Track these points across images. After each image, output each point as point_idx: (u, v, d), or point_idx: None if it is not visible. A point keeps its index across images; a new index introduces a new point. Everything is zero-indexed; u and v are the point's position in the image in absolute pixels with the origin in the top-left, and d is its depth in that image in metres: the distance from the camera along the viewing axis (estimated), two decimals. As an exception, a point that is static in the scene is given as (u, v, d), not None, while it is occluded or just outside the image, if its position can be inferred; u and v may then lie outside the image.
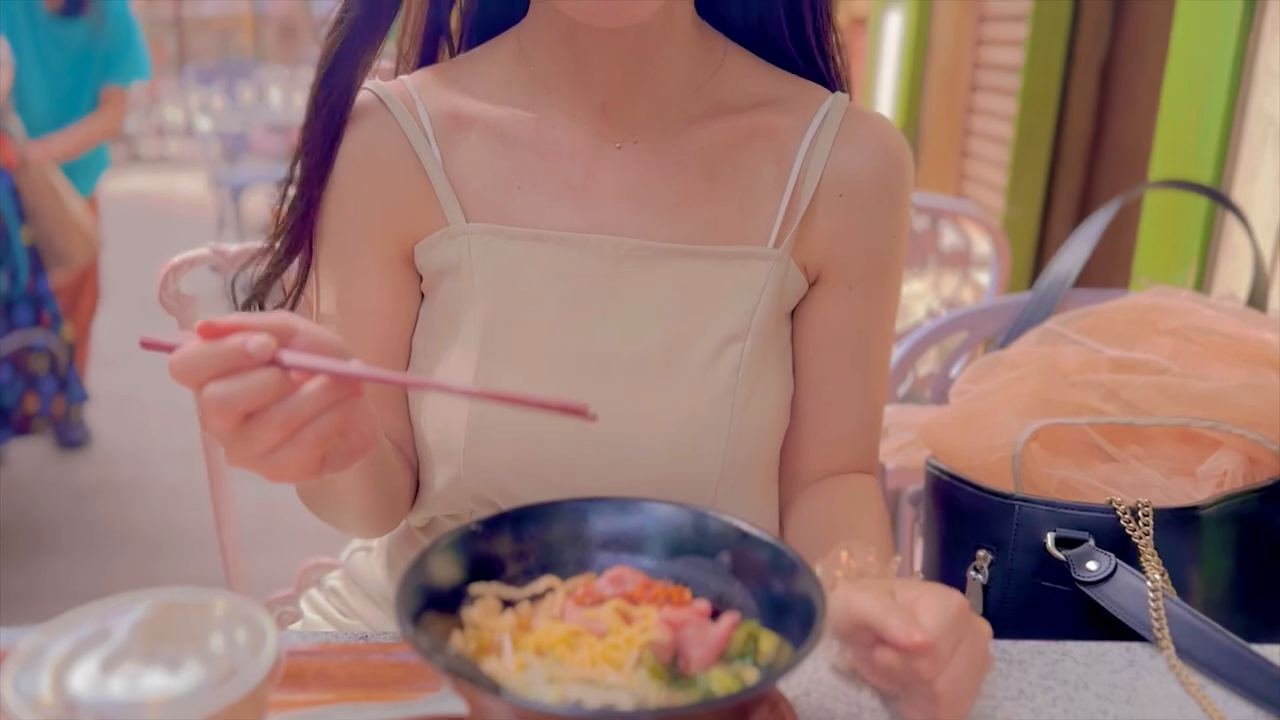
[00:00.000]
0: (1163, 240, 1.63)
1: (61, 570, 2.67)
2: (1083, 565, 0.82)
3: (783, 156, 0.84)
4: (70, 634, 0.46)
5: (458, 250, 0.81)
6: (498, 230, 0.81)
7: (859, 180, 0.84)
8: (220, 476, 1.29)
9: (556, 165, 0.83)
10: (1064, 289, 1.18)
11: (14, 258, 2.59)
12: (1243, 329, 1.03)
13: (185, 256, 1.20)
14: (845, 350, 0.87)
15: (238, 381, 0.55)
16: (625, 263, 0.81)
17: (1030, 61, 2.76)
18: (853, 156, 0.84)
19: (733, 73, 0.85)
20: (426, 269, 0.84)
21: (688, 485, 0.80)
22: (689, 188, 0.83)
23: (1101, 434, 0.96)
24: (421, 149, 0.83)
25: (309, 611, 1.01)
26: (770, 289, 0.82)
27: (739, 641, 0.59)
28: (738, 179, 0.83)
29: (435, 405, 0.82)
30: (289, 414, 0.56)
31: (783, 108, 0.85)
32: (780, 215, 0.83)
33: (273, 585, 1.30)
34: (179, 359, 0.56)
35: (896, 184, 0.85)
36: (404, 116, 0.83)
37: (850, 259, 0.85)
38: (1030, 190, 2.83)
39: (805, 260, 0.85)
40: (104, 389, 3.53)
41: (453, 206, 0.82)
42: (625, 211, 0.82)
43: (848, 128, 0.84)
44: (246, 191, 5.81)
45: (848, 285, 0.86)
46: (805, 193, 0.83)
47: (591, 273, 0.81)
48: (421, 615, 0.57)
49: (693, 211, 0.82)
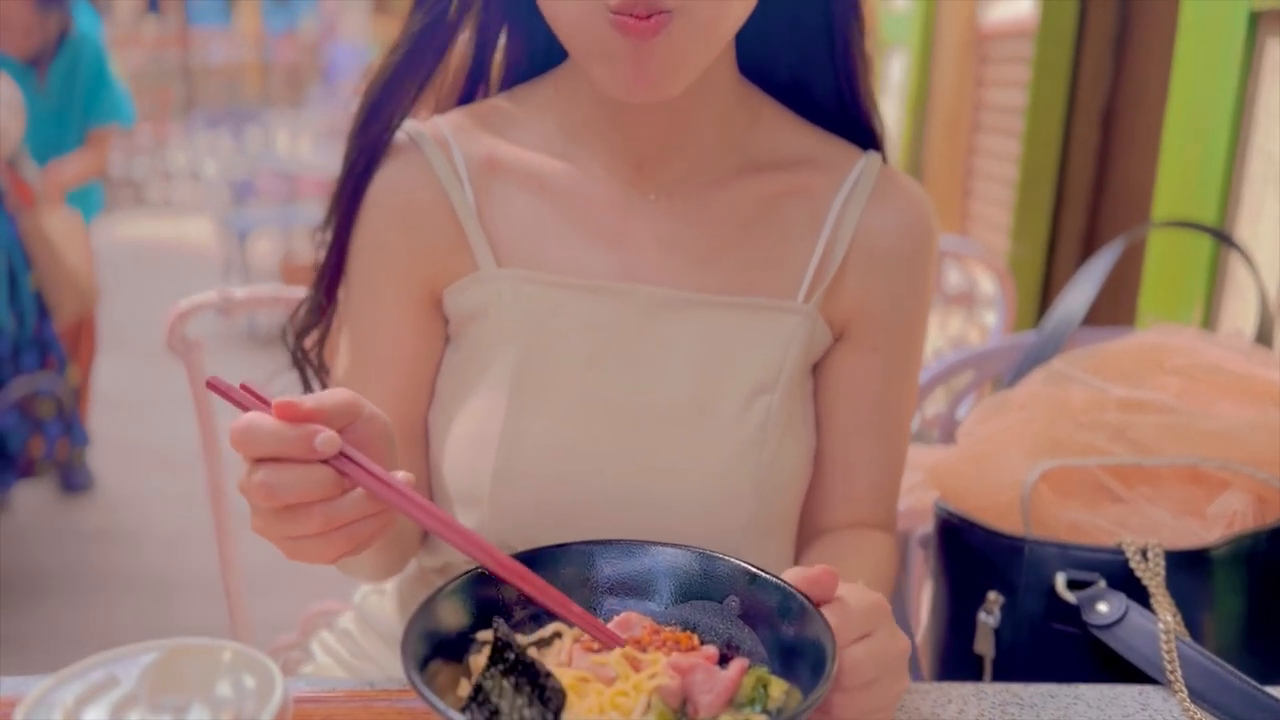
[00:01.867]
0: (1168, 279, 1.64)
1: (65, 615, 2.66)
2: (1093, 608, 0.82)
3: (815, 214, 0.84)
4: (79, 681, 0.46)
5: (488, 296, 0.81)
6: (529, 277, 0.81)
7: (888, 243, 0.84)
8: (225, 522, 1.29)
9: (590, 214, 0.83)
10: (1070, 328, 1.18)
11: (21, 301, 2.60)
12: (1249, 367, 1.02)
13: (193, 301, 1.20)
14: (865, 409, 0.86)
15: (292, 474, 0.55)
16: (657, 312, 0.81)
17: (1033, 103, 2.79)
18: (884, 219, 0.84)
19: (768, 129, 0.86)
20: (455, 313, 0.84)
21: (714, 538, 0.79)
22: (722, 240, 0.83)
23: (1110, 475, 0.96)
24: (454, 192, 0.83)
25: (320, 654, 1.00)
26: (799, 342, 0.82)
27: (748, 687, 0.59)
28: (770, 233, 0.84)
29: (460, 450, 0.81)
30: (331, 515, 0.57)
31: (817, 166, 0.85)
32: (811, 271, 0.83)
33: (277, 629, 1.30)
34: (244, 432, 0.56)
35: (924, 249, 0.86)
36: (438, 159, 0.83)
37: (876, 320, 0.85)
38: (1035, 230, 2.84)
39: (831, 317, 0.85)
40: (108, 433, 3.54)
41: (484, 251, 0.82)
42: (657, 261, 0.82)
43: (880, 190, 0.85)
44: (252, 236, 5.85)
45: (872, 346, 0.86)
46: (837, 251, 0.83)
47: (622, 322, 0.80)
48: (429, 662, 0.56)
49: (724, 263, 0.82)
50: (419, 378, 0.85)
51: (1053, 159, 2.81)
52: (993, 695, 0.74)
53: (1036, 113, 2.80)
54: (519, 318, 0.80)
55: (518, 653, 0.56)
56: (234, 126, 6.80)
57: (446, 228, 0.83)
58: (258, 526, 0.58)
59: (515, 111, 0.87)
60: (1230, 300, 1.51)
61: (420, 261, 0.83)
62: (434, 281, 0.84)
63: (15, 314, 2.59)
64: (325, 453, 0.55)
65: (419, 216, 0.83)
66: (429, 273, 0.83)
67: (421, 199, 0.83)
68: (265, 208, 6.04)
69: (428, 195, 0.83)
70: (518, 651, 0.56)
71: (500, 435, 0.78)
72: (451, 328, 0.85)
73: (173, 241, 7.81)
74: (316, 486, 0.56)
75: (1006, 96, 3.06)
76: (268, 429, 0.55)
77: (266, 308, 1.25)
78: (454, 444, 0.82)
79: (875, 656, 0.59)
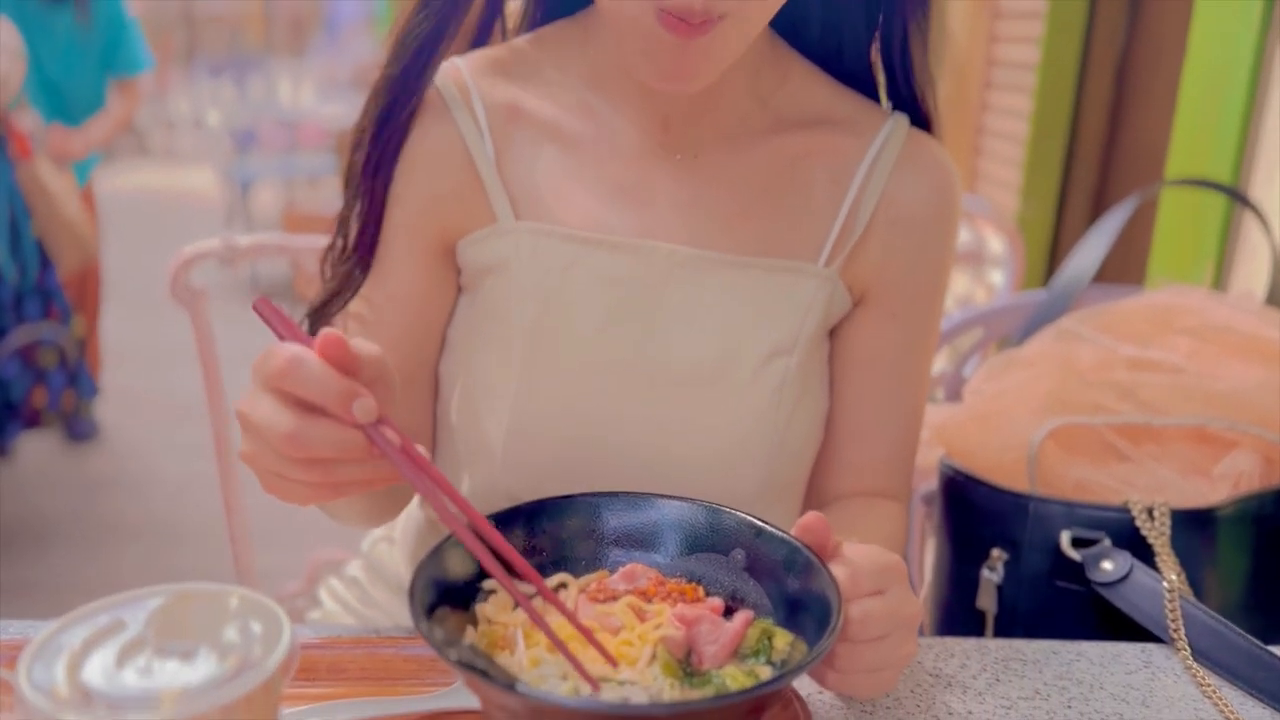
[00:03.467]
0: (1179, 238, 1.62)
1: (70, 563, 2.68)
2: (1098, 565, 0.82)
3: (840, 176, 0.82)
4: (85, 625, 0.46)
5: (505, 249, 0.79)
6: (548, 231, 0.79)
7: (913, 210, 0.83)
8: (230, 471, 1.29)
9: (613, 170, 0.81)
10: (1080, 287, 1.17)
11: (24, 250, 2.59)
12: (1260, 328, 1.02)
13: (197, 249, 1.20)
14: (882, 375, 0.85)
15: (328, 432, 0.53)
16: (676, 272, 0.79)
17: (1046, 59, 2.75)
18: (909, 185, 0.83)
19: (797, 88, 0.84)
20: (470, 265, 0.82)
21: (725, 500, 0.78)
22: (744, 201, 0.81)
23: (1117, 434, 0.95)
24: (474, 142, 0.80)
25: (328, 600, 1.01)
26: (818, 306, 0.81)
27: (753, 639, 0.59)
28: (794, 195, 0.82)
29: (473, 405, 0.80)
30: (341, 475, 0.55)
31: (844, 127, 0.83)
32: (834, 235, 0.82)
33: (282, 579, 1.30)
34: (291, 365, 0.52)
35: (949, 216, 0.84)
36: (458, 106, 0.81)
37: (896, 286, 0.84)
38: (1045, 188, 2.82)
39: (852, 281, 0.83)
40: (111, 383, 3.54)
41: (502, 203, 0.80)
42: (679, 220, 0.81)
43: (907, 154, 0.83)
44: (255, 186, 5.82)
45: (891, 312, 0.84)
46: (861, 215, 0.82)
47: (641, 280, 0.79)
48: (435, 610, 0.56)
49: (746, 224, 0.81)
50: (426, 324, 0.84)
51: (1065, 116, 2.77)
52: (995, 651, 0.75)
53: (1049, 69, 2.76)
54: (536, 272, 0.79)
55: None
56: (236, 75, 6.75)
57: (465, 177, 0.81)
58: (248, 454, 0.57)
59: (539, 57, 0.84)
60: (1242, 261, 1.50)
61: (436, 211, 0.81)
62: (449, 231, 0.82)
63: (17, 263, 2.58)
64: (361, 420, 0.53)
65: (437, 165, 0.81)
66: (445, 222, 0.81)
67: (440, 147, 0.81)
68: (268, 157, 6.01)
69: (446, 144, 0.81)
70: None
71: (514, 391, 0.78)
72: (465, 279, 0.84)
73: (175, 191, 7.78)
74: (344, 448, 0.54)
75: (1019, 52, 3.02)
76: (315, 373, 0.53)
77: (270, 256, 1.24)
78: (467, 398, 0.81)
79: (887, 613, 0.59)
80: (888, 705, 0.68)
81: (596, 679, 0.54)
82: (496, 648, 0.58)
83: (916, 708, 0.68)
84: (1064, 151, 2.79)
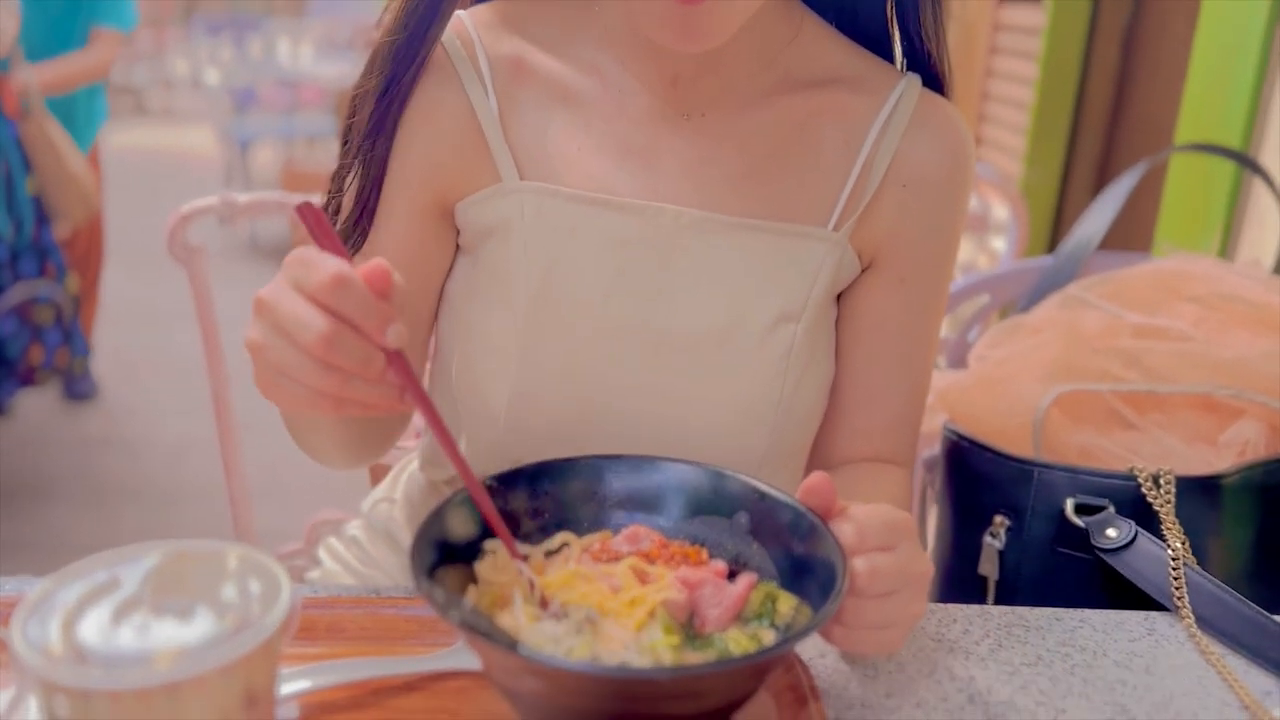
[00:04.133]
0: (1187, 206, 1.61)
1: (67, 522, 2.68)
2: (1102, 532, 0.81)
3: (851, 138, 0.81)
4: (80, 582, 0.45)
5: (509, 209, 0.78)
6: (553, 191, 0.77)
7: (925, 172, 0.81)
8: (229, 431, 1.28)
9: (619, 129, 0.79)
10: (1087, 253, 1.16)
11: (19, 207, 2.57)
12: (1268, 296, 1.01)
13: (194, 206, 1.18)
14: (889, 341, 0.84)
15: (358, 346, 0.52)
16: (682, 234, 0.78)
17: (1052, 25, 2.72)
18: (922, 147, 0.81)
19: (808, 45, 0.82)
20: (472, 225, 0.80)
21: (730, 466, 0.78)
22: (753, 163, 0.80)
23: (1123, 401, 0.95)
24: (478, 98, 0.78)
25: (328, 560, 1.01)
26: (826, 271, 0.79)
27: (756, 602, 0.58)
28: (804, 157, 0.80)
29: (476, 368, 0.79)
30: (356, 392, 0.54)
31: (856, 86, 0.81)
32: (844, 199, 0.80)
33: (281, 539, 1.30)
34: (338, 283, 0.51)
35: (961, 179, 0.83)
36: (461, 60, 0.79)
37: (905, 251, 0.82)
38: (1049, 155, 2.80)
39: (861, 246, 0.82)
40: (109, 343, 3.53)
41: (506, 163, 0.78)
42: (686, 182, 0.79)
43: (920, 115, 0.81)
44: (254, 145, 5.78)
45: (900, 277, 0.83)
46: (871, 178, 0.80)
47: (647, 242, 0.77)
48: (436, 570, 0.56)
49: (755, 187, 0.79)
50: (423, 284, 0.82)
51: (1071, 82, 2.75)
52: (998, 617, 0.74)
53: (1056, 34, 2.73)
54: (540, 234, 0.77)
55: None
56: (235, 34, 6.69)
57: (467, 135, 0.79)
58: (257, 343, 0.55)
59: (546, 12, 0.82)
60: (1250, 229, 1.48)
61: (437, 169, 0.79)
62: (450, 190, 0.80)
63: (13, 220, 2.56)
64: (392, 345, 0.53)
65: (439, 122, 0.79)
66: (446, 181, 0.80)
67: (442, 104, 0.79)
68: (267, 117, 5.97)
69: (449, 100, 0.79)
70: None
71: (517, 355, 0.76)
72: (465, 239, 0.82)
73: (173, 150, 7.72)
74: (367, 365, 0.53)
75: (1025, 17, 2.99)
76: (360, 293, 0.52)
77: (269, 214, 1.23)
78: (468, 361, 0.80)
79: (896, 569, 0.58)
80: (890, 670, 0.67)
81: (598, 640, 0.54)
82: (496, 607, 0.57)
83: (919, 672, 0.67)
84: (1070, 118, 2.77)
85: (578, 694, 0.50)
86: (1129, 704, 0.65)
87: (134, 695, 0.40)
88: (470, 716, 0.59)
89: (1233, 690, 0.67)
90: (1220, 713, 0.65)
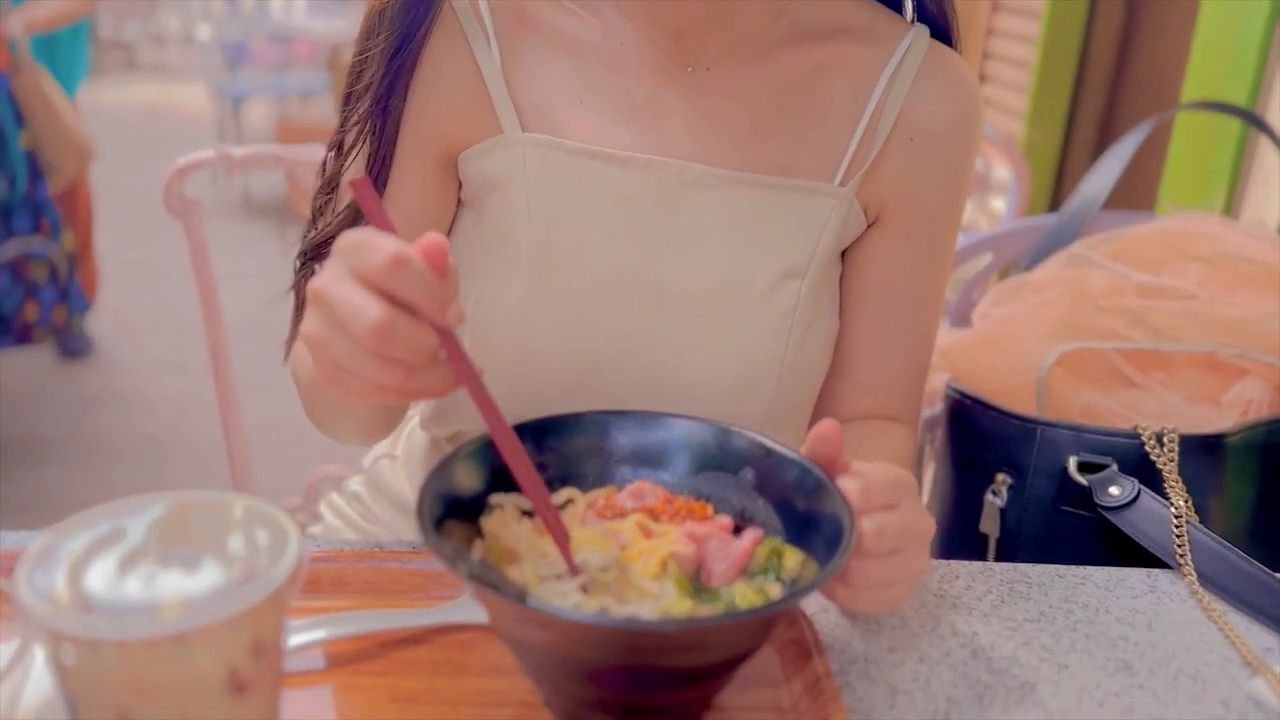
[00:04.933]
0: (1192, 164, 1.60)
1: (64, 480, 2.68)
2: (1105, 490, 0.81)
3: (859, 91, 0.79)
4: (84, 534, 0.45)
5: (511, 162, 0.77)
6: (555, 144, 0.76)
7: (933, 125, 0.80)
8: (227, 387, 1.28)
9: (623, 82, 0.78)
10: (1092, 211, 1.15)
11: (12, 162, 2.54)
12: (1273, 256, 1.00)
13: (190, 159, 1.17)
14: (895, 298, 0.83)
15: (417, 333, 0.51)
16: (687, 189, 0.77)
17: (1055, -19, 2.69)
18: (930, 100, 0.79)
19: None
20: (474, 178, 0.79)
21: (734, 422, 0.77)
22: (759, 117, 0.78)
23: (1126, 360, 0.94)
24: (480, 49, 0.77)
25: (329, 515, 1.00)
26: (832, 227, 0.78)
27: (762, 557, 0.58)
28: (810, 111, 0.79)
29: (478, 324, 0.78)
30: (413, 381, 0.52)
31: (864, 37, 0.80)
32: (850, 153, 0.79)
33: (281, 496, 1.30)
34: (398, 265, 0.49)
35: (969, 133, 0.81)
36: (464, 10, 0.77)
37: (912, 206, 0.81)
38: (1052, 114, 2.78)
39: (867, 201, 0.81)
40: (104, 300, 3.51)
41: (509, 114, 0.77)
42: (691, 136, 0.78)
43: (928, 67, 0.80)
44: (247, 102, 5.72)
45: (905, 233, 0.82)
46: (879, 132, 0.79)
47: (652, 197, 0.76)
48: (442, 523, 0.55)
49: (760, 141, 0.78)
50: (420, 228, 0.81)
51: (1074, 41, 2.72)
52: (1000, 574, 0.74)
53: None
54: (542, 188, 0.76)
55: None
56: (227, -12, 6.59)
57: (469, 87, 0.77)
58: (316, 337, 0.53)
59: None
60: (1255, 188, 1.48)
61: (441, 121, 0.78)
62: (453, 143, 0.79)
63: (6, 175, 2.54)
64: (452, 325, 0.52)
65: (442, 74, 0.77)
66: (449, 133, 0.78)
67: (445, 56, 0.77)
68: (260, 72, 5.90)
69: (451, 52, 0.77)
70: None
71: (520, 311, 0.76)
72: (467, 193, 0.81)
73: (165, 106, 7.64)
74: (422, 351, 0.51)
75: (1029, -26, 2.95)
76: (418, 274, 0.50)
77: (265, 168, 1.21)
78: (472, 316, 0.79)
79: (901, 527, 0.58)
80: (893, 625, 0.67)
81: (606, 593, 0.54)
82: (503, 562, 0.57)
83: (921, 628, 0.67)
84: (1072, 77, 2.74)
85: (585, 646, 0.50)
86: (1131, 660, 0.65)
87: (142, 645, 0.40)
88: (477, 669, 0.59)
89: (1234, 646, 0.67)
90: (1222, 669, 0.65)
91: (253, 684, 0.43)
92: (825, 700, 0.56)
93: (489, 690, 0.58)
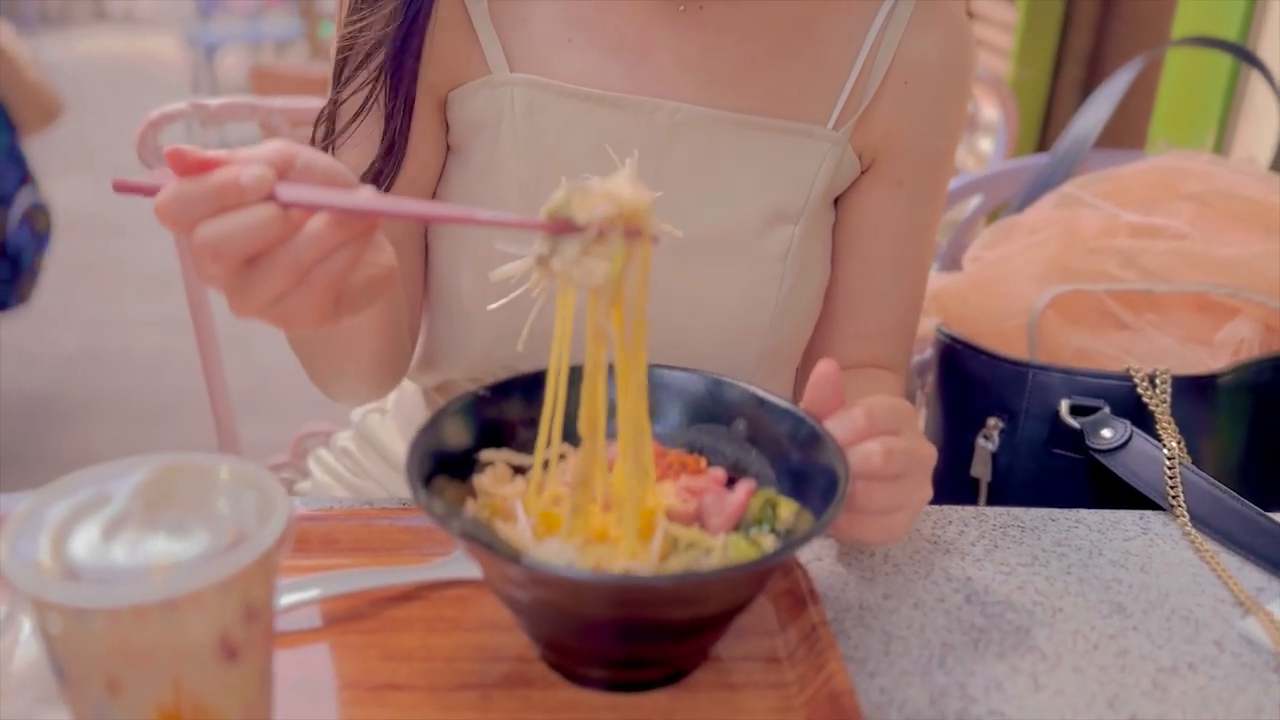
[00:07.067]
0: (1182, 101, 1.58)
1: (45, 438, 2.66)
2: (1097, 433, 0.81)
3: (854, 33, 0.78)
4: (68, 498, 0.44)
5: (499, 102, 0.75)
6: (545, 84, 0.75)
7: (927, 70, 0.78)
8: (209, 342, 1.26)
9: (613, 21, 0.76)
10: (1083, 151, 1.14)
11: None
12: (1265, 194, 1.00)
13: (165, 110, 1.14)
14: (886, 245, 0.82)
15: (232, 220, 0.48)
16: (678, 131, 0.75)
17: (1042, -84, 2.65)
18: (924, 43, 0.78)
19: None
20: (462, 120, 0.77)
21: (724, 371, 0.76)
22: (752, 57, 0.77)
23: (1117, 301, 0.94)
24: None
25: (319, 472, 0.99)
26: (825, 172, 0.77)
27: (756, 509, 0.58)
28: (804, 53, 0.77)
29: (467, 270, 0.77)
30: (295, 256, 0.49)
31: None
32: (844, 96, 0.77)
33: (268, 452, 1.29)
34: (167, 201, 0.48)
35: (963, 77, 0.80)
36: None
37: (905, 151, 0.80)
38: (1040, 52, 2.75)
39: (861, 146, 0.80)
40: (79, 256, 3.46)
41: (496, 54, 0.75)
42: (682, 77, 0.76)
43: (923, 9, 0.78)
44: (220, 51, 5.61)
45: (898, 179, 0.81)
46: (873, 76, 0.78)
47: (642, 139, 0.75)
48: (433, 480, 0.55)
49: (753, 82, 0.77)
50: (424, 185, 0.79)
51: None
52: (993, 518, 0.74)
53: (1046, -74, 2.66)
54: (530, 130, 0.75)
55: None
56: (196, -67, 6.43)
57: (456, 25, 0.75)
58: (236, 307, 0.51)
59: None
60: (1245, 125, 1.46)
61: (436, 65, 0.76)
62: (440, 82, 0.77)
63: (-9, 128, 2.48)
64: (256, 190, 0.48)
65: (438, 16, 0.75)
66: (436, 72, 0.76)
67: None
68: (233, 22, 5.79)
69: None
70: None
71: None
72: (455, 137, 0.79)
73: (137, 57, 7.48)
74: (259, 227, 0.48)
75: (1015, -91, 2.90)
76: (189, 189, 0.48)
77: (241, 118, 1.18)
78: (457, 265, 0.78)
79: (907, 451, 0.58)
80: (887, 571, 0.67)
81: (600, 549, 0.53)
82: (496, 518, 0.56)
83: (915, 573, 0.67)
84: (1060, 14, 2.71)
85: (581, 601, 0.49)
86: (1125, 602, 0.65)
87: (131, 612, 0.39)
88: (471, 624, 0.59)
89: (1227, 586, 0.67)
90: (1214, 609, 0.65)
91: (244, 648, 0.43)
92: (821, 648, 0.55)
93: (484, 645, 0.58)
